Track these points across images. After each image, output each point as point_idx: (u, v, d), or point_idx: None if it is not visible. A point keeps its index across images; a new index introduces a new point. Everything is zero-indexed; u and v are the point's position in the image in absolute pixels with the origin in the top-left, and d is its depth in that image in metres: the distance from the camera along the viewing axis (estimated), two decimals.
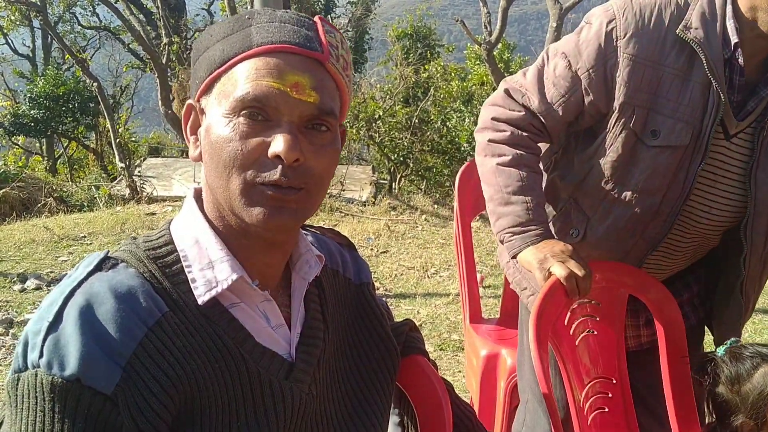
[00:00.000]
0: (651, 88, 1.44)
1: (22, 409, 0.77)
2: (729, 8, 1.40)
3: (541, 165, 1.64)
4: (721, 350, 1.42)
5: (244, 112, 0.83)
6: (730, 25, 1.40)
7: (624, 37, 1.43)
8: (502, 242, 1.57)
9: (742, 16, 1.39)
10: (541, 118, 1.53)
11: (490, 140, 1.56)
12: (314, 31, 0.88)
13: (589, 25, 1.49)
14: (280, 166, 0.83)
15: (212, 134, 0.85)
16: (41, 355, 0.76)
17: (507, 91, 1.58)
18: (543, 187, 1.62)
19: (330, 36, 0.88)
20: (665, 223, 1.53)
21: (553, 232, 1.61)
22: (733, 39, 1.40)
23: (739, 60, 1.40)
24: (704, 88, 1.42)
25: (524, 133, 1.54)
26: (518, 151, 1.53)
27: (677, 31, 1.41)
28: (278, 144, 0.82)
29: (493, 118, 1.57)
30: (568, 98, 1.51)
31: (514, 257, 1.55)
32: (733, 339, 1.45)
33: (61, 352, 0.76)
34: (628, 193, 1.52)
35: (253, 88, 0.83)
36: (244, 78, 0.84)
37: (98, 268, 0.85)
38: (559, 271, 1.43)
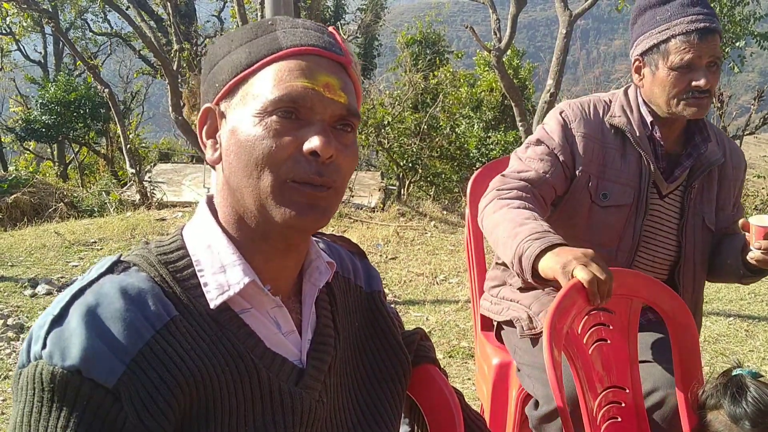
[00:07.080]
0: (599, 161, 1.85)
1: (21, 400, 0.77)
2: (640, 99, 1.87)
3: None
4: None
5: (277, 111, 0.85)
6: (644, 110, 1.86)
7: (574, 120, 1.87)
8: (520, 258, 1.56)
9: (649, 104, 1.85)
10: (537, 188, 1.82)
11: (499, 198, 1.77)
12: (334, 38, 0.91)
13: (550, 121, 1.91)
14: (314, 163, 0.85)
15: (240, 134, 0.86)
16: (44, 347, 0.77)
17: (504, 175, 1.86)
18: None
19: (346, 44, 0.92)
20: None
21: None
22: (648, 119, 1.84)
23: (657, 134, 1.84)
24: (638, 159, 1.84)
25: (528, 195, 1.79)
26: (525, 202, 1.75)
27: (606, 119, 1.87)
28: (314, 141, 0.84)
29: (498, 189, 1.81)
30: (554, 169, 1.84)
31: (533, 270, 1.54)
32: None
33: (63, 344, 0.77)
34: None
35: (288, 88, 0.85)
36: (277, 79, 0.86)
37: (110, 270, 0.86)
38: (582, 275, 1.42)
